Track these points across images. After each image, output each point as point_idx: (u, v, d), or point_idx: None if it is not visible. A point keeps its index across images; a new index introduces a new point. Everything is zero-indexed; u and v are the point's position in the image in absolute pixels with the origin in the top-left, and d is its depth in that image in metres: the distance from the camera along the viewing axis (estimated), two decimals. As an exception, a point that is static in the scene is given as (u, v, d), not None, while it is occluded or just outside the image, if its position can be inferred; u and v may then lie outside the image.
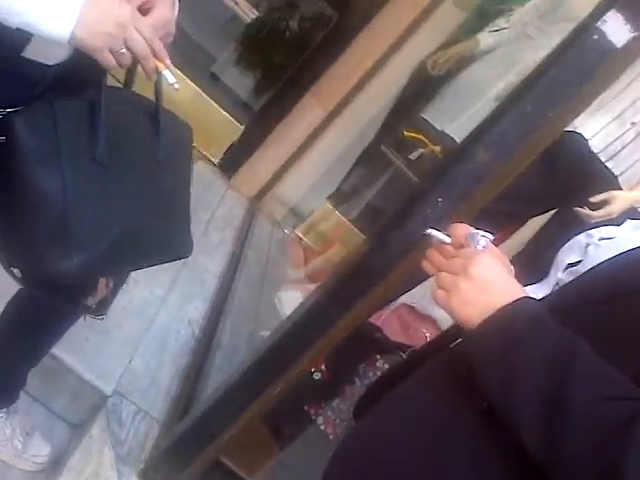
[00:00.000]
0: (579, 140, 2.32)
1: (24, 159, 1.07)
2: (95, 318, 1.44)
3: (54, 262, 1.11)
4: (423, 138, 3.60)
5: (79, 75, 1.13)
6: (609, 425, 0.68)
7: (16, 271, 1.24)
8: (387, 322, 2.61)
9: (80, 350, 1.93)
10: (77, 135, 1.12)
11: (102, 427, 1.83)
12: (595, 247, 0.95)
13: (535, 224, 2.63)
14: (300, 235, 3.85)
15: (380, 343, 2.37)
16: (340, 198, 3.96)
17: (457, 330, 0.96)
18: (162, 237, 1.32)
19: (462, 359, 0.85)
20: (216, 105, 3.92)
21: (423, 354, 1.26)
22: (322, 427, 2.33)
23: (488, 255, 0.87)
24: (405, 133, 3.75)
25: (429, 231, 1.00)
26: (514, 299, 0.80)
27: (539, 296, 0.96)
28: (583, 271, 0.90)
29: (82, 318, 1.50)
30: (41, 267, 1.14)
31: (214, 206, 3.44)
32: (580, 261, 0.96)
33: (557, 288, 0.95)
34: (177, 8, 1.15)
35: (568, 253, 1.00)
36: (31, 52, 1.05)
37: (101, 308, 1.44)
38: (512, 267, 1.07)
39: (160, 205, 1.30)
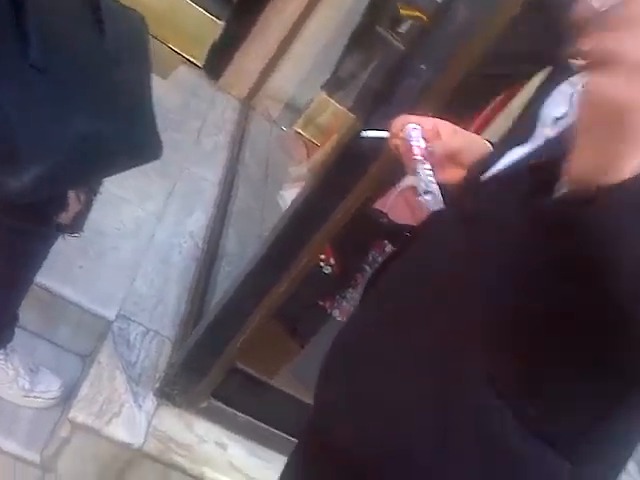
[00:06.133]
0: (565, -11, 2.14)
1: None
2: (72, 236, 1.38)
3: (5, 182, 1.04)
4: (420, 15, 3.37)
5: None
6: None
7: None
8: (393, 207, 2.51)
9: (75, 279, 1.87)
10: (3, 40, 1.00)
11: (110, 352, 1.80)
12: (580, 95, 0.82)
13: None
14: (299, 130, 3.70)
15: (386, 228, 2.28)
16: (335, 85, 3.77)
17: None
18: (124, 139, 1.23)
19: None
20: (191, 2, 3.69)
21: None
22: (339, 319, 2.29)
23: None
24: (401, 11, 3.53)
25: (363, 133, 1.01)
26: None
27: None
28: (569, 122, 0.79)
29: (62, 239, 1.43)
30: None
31: (204, 112, 3.29)
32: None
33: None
34: None
35: (553, 106, 0.88)
36: None
37: (77, 224, 1.37)
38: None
39: (117, 105, 1.20)
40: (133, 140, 1.23)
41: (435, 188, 0.91)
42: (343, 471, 0.86)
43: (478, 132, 2.32)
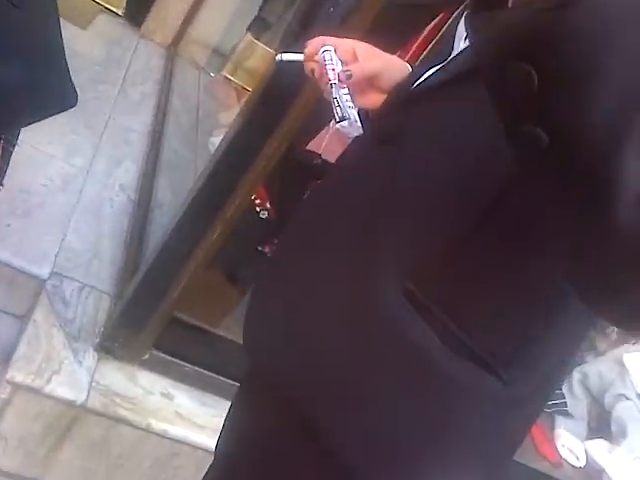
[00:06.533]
0: None
1: None
2: None
3: None
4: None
5: None
6: None
7: None
8: (328, 146, 2.50)
9: (3, 238, 1.81)
10: None
11: (46, 311, 1.76)
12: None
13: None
14: (228, 75, 3.62)
15: (320, 168, 2.27)
16: (261, 27, 3.67)
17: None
18: (33, 88, 1.17)
19: None
20: (105, -52, 3.52)
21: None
22: (279, 263, 2.29)
23: None
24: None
25: (278, 57, 0.96)
26: None
27: None
28: None
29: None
30: None
31: (127, 61, 3.18)
32: None
33: None
34: None
35: (467, 19, 0.85)
36: None
37: None
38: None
39: (19, 50, 1.14)
40: (41, 86, 1.17)
41: (353, 113, 0.88)
42: (280, 405, 0.87)
43: (416, 56, 2.29)
